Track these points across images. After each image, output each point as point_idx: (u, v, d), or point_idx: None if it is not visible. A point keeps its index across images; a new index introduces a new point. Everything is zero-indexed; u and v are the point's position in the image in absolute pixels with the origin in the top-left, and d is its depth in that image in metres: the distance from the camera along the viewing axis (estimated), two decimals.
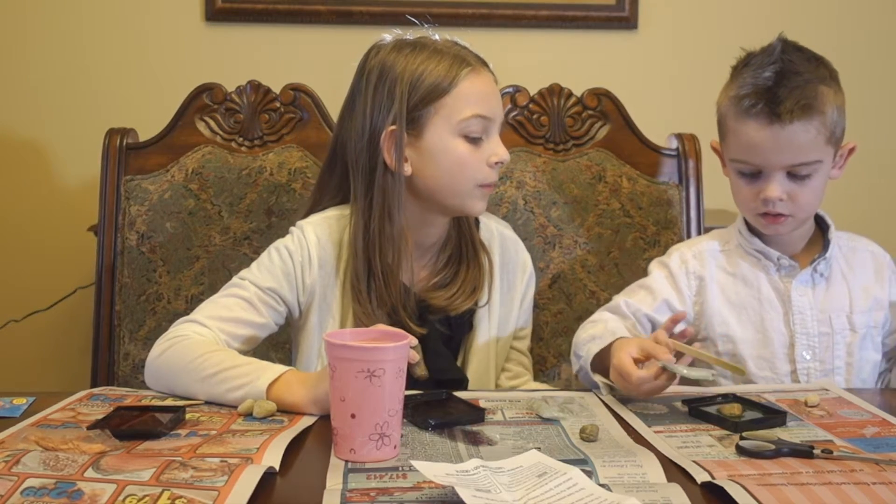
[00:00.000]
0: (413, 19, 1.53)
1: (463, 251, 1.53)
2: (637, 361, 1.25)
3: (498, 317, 1.56)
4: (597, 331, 1.41)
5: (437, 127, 1.42)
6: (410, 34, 1.48)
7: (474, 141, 1.43)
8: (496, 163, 1.44)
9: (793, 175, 1.43)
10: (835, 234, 1.53)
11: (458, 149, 1.42)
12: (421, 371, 1.29)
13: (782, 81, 1.41)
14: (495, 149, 1.44)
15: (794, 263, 1.51)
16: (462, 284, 1.50)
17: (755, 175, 1.45)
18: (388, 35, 1.48)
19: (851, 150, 1.49)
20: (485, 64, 1.47)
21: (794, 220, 1.47)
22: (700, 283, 1.54)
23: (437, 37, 1.47)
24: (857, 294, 1.52)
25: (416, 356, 1.14)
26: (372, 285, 1.45)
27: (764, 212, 1.46)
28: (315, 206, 1.55)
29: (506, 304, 1.58)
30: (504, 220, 1.84)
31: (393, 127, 1.41)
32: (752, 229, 1.54)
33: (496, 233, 1.60)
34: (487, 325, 1.55)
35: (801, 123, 1.40)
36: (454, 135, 1.42)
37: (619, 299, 1.54)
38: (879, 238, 1.60)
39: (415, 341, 1.17)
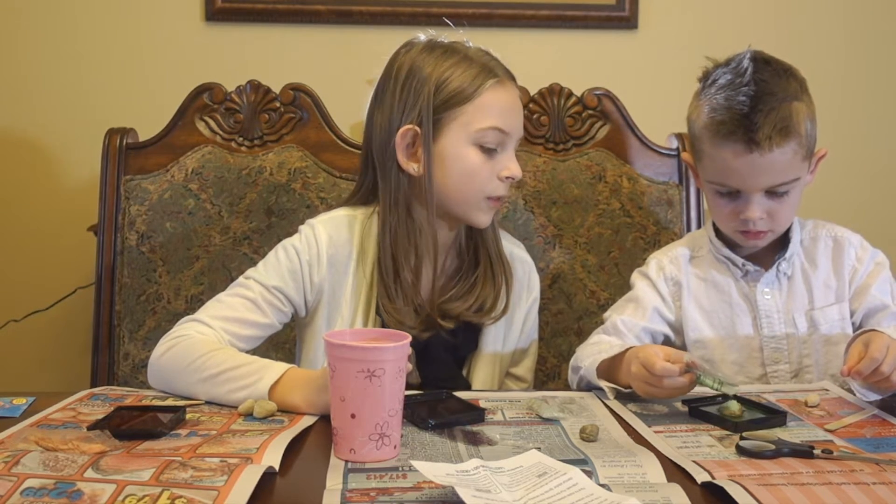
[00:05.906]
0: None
1: (483, 264, 1.51)
2: None
3: (502, 335, 1.56)
4: (602, 347, 1.41)
5: (454, 133, 1.42)
6: (444, 37, 1.48)
7: (488, 152, 1.42)
8: (507, 177, 1.44)
9: (771, 193, 1.43)
10: (797, 229, 1.53)
11: (471, 157, 1.42)
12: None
13: (757, 106, 1.39)
14: (507, 163, 1.44)
15: (759, 269, 1.52)
16: (477, 298, 1.49)
17: (733, 195, 1.45)
18: (421, 35, 1.49)
19: (822, 157, 1.49)
20: (512, 78, 1.46)
21: (773, 233, 1.48)
22: (677, 288, 1.55)
23: (470, 44, 1.47)
24: (817, 290, 1.51)
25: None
26: (398, 283, 1.45)
27: (744, 230, 1.46)
28: (348, 201, 1.55)
29: (507, 323, 1.57)
30: (505, 222, 1.83)
31: (409, 126, 1.42)
32: (720, 235, 1.54)
33: (507, 252, 1.58)
34: (493, 343, 1.55)
35: (779, 149, 1.39)
36: (469, 143, 1.42)
37: (614, 318, 1.52)
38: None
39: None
